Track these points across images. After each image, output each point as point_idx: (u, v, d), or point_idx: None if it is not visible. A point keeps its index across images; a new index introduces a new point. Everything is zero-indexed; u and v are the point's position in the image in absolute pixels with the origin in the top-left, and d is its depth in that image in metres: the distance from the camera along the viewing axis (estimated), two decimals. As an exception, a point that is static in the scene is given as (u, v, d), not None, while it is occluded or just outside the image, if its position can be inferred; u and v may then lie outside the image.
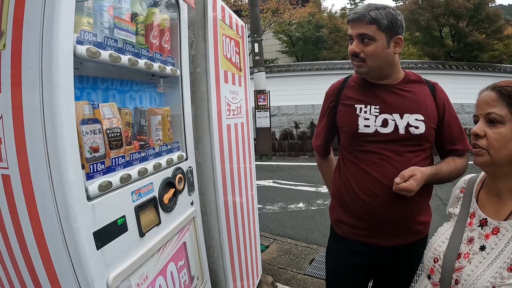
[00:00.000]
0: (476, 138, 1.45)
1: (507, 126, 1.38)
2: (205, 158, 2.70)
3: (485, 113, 1.43)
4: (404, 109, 2.11)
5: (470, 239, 1.49)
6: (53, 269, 1.44)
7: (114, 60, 1.59)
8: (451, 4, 18.48)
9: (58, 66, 1.30)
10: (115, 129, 1.65)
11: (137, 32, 1.90)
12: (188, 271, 2.27)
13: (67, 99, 1.34)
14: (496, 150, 1.39)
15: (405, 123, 2.09)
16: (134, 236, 1.71)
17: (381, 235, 2.15)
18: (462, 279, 1.41)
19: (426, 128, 2.08)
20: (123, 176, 1.62)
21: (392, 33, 2.01)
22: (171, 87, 2.31)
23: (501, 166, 1.43)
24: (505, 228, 1.40)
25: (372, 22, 1.96)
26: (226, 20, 2.99)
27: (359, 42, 2.03)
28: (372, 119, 2.14)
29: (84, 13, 1.52)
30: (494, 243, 1.40)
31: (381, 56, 2.03)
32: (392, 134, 2.10)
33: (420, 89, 2.18)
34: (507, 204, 1.45)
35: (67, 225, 1.36)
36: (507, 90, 1.39)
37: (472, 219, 1.55)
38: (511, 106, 1.37)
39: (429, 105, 2.13)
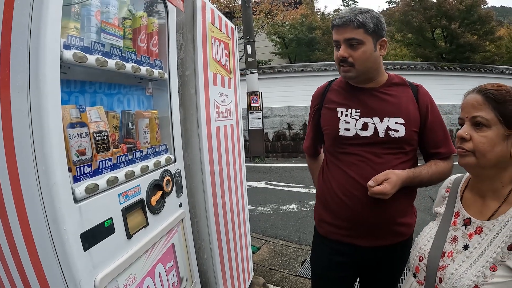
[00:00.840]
0: (462, 141, 1.46)
1: (493, 129, 1.39)
2: (194, 160, 2.72)
3: (471, 116, 1.44)
4: (384, 112, 2.12)
5: (454, 238, 1.53)
6: (42, 270, 1.46)
7: (101, 64, 1.60)
8: (444, 6, 18.59)
9: (45, 70, 1.32)
10: (102, 133, 1.67)
11: (125, 36, 1.92)
12: (177, 273, 2.29)
13: (54, 103, 1.36)
14: (481, 153, 1.40)
15: (385, 127, 2.10)
16: (122, 238, 1.73)
17: (362, 236, 2.16)
18: (446, 278, 1.43)
19: (406, 132, 2.09)
20: (110, 179, 1.64)
21: (378, 36, 2.03)
22: (160, 90, 2.33)
23: (486, 168, 1.45)
24: (488, 227, 1.42)
25: (360, 26, 1.96)
26: (216, 22, 3.02)
27: (347, 47, 2.03)
28: (352, 122, 2.16)
29: (71, 18, 1.54)
30: (477, 243, 1.42)
31: (370, 59, 2.04)
32: (372, 137, 2.11)
33: (402, 92, 2.18)
34: (491, 205, 1.47)
35: (54, 227, 1.38)
36: (493, 94, 1.40)
37: (457, 219, 1.58)
38: (497, 110, 1.38)
39: (410, 108, 2.13)
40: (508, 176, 1.46)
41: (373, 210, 2.07)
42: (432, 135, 2.17)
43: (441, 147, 2.18)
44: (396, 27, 22.78)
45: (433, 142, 2.19)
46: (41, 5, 1.32)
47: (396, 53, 27.39)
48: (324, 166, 2.38)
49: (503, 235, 1.37)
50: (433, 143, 2.19)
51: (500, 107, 1.38)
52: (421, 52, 21.00)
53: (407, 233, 2.21)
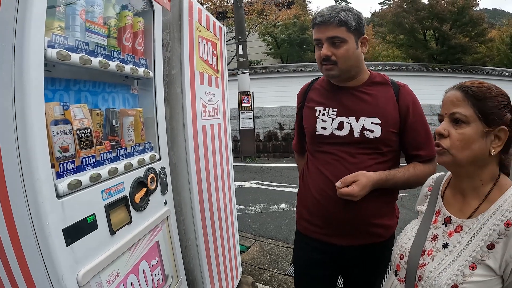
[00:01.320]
0: (440, 138, 1.46)
1: (472, 126, 1.38)
2: (180, 158, 2.73)
3: (449, 113, 1.44)
4: (360, 112, 2.10)
5: (434, 236, 1.53)
6: (27, 266, 1.48)
7: (85, 62, 1.62)
8: (435, 8, 18.72)
9: (29, 68, 1.35)
10: (85, 130, 1.69)
11: (109, 35, 1.94)
12: (161, 270, 2.30)
13: (37, 101, 1.38)
14: (458, 150, 1.40)
15: (360, 127, 2.08)
16: (105, 234, 1.74)
17: (337, 234, 2.16)
18: (425, 276, 1.43)
19: (382, 132, 2.06)
20: (92, 175, 1.66)
21: (359, 33, 2.04)
22: (145, 88, 2.34)
23: (463, 166, 1.44)
24: (467, 226, 1.42)
25: (342, 24, 1.96)
26: (203, 22, 3.03)
27: (330, 45, 2.02)
28: (329, 121, 2.17)
29: (56, 17, 1.56)
30: (457, 241, 1.43)
31: (352, 57, 2.04)
32: (347, 137, 2.11)
33: (382, 92, 2.15)
34: (471, 203, 1.47)
35: (37, 222, 1.40)
36: (472, 90, 1.40)
37: (437, 217, 1.58)
38: (476, 106, 1.38)
39: (389, 108, 2.09)
40: (488, 174, 1.45)
41: (347, 210, 2.06)
42: (412, 137, 2.13)
43: (421, 149, 2.14)
44: (388, 28, 22.89)
45: (414, 144, 2.15)
46: (25, 4, 1.34)
47: (388, 54, 27.49)
48: (305, 165, 2.39)
49: (482, 234, 1.36)
50: (413, 144, 2.15)
51: (480, 104, 1.38)
52: (412, 53, 21.12)
53: (385, 234, 2.19)
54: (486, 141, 1.39)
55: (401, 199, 8.27)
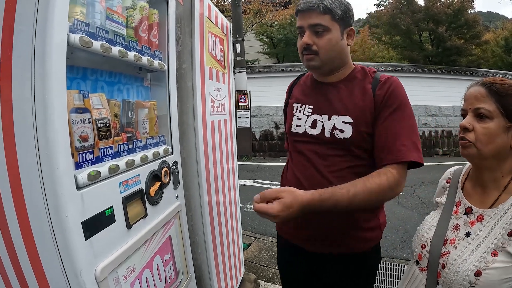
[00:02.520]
0: (464, 132, 1.50)
1: (495, 121, 1.43)
2: (189, 153, 2.71)
3: (474, 108, 1.48)
4: (333, 110, 1.94)
5: (456, 226, 1.58)
6: (40, 262, 1.42)
7: (106, 50, 1.59)
8: (431, 10, 18.90)
9: (52, 54, 1.29)
10: (104, 120, 1.65)
11: (127, 25, 1.90)
12: (173, 266, 2.28)
13: (60, 87, 1.33)
14: (483, 144, 1.45)
15: (331, 126, 1.92)
16: (122, 228, 1.70)
17: (306, 240, 2.05)
18: (449, 264, 1.48)
19: (353, 132, 1.86)
20: (111, 167, 1.62)
21: (346, 23, 1.90)
22: (158, 81, 2.32)
23: (486, 159, 1.49)
24: (489, 215, 1.47)
25: (326, 12, 1.81)
26: (212, 18, 3.02)
27: (312, 33, 1.87)
28: (303, 119, 2.05)
29: (78, 3, 1.51)
30: (479, 230, 1.47)
31: (335, 48, 1.89)
32: (319, 136, 1.96)
33: (359, 87, 1.94)
34: (491, 194, 1.52)
35: (55, 215, 1.34)
36: (496, 87, 1.44)
37: (458, 208, 1.63)
38: (499, 102, 1.42)
39: (363, 106, 1.88)
40: (508, 167, 1.50)
41: (319, 217, 1.88)
42: (380, 133, 1.84)
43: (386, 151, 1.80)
44: (384, 30, 23.06)
45: (380, 143, 1.84)
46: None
47: (384, 55, 27.65)
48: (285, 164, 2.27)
49: (503, 222, 1.42)
50: (379, 144, 1.84)
51: (502, 100, 1.42)
52: (408, 55, 21.27)
53: (358, 247, 1.99)
54: (508, 135, 1.44)
55: (398, 198, 8.33)
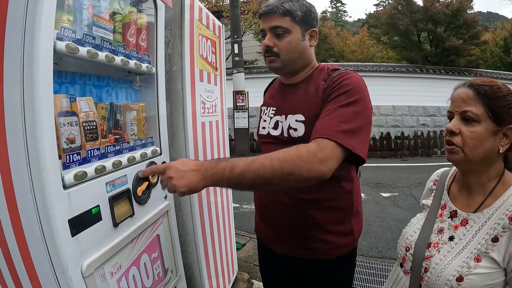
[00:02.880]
0: (451, 135, 1.47)
1: (482, 125, 1.40)
2: (179, 154, 2.75)
3: (461, 111, 1.44)
4: (289, 109, 1.95)
5: (440, 229, 1.57)
6: (30, 257, 1.49)
7: (92, 56, 1.65)
8: (430, 10, 18.93)
9: (39, 60, 1.36)
10: (91, 122, 1.71)
11: (115, 30, 1.95)
12: (162, 264, 2.32)
13: (46, 92, 1.40)
14: (470, 149, 1.42)
15: (288, 125, 1.92)
16: (108, 226, 1.76)
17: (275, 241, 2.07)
18: (431, 268, 1.47)
19: (306, 130, 1.84)
20: (98, 167, 1.68)
21: (307, 25, 1.90)
22: (146, 84, 2.37)
23: (473, 163, 1.46)
24: (473, 220, 1.46)
25: (286, 14, 1.84)
26: (203, 20, 3.06)
27: (272, 35, 1.90)
28: (268, 120, 2.07)
29: (65, 11, 1.58)
30: (462, 234, 1.47)
31: (296, 49, 1.90)
32: (279, 137, 1.97)
33: (314, 85, 1.91)
34: (477, 198, 1.51)
35: (43, 212, 1.41)
36: (484, 89, 1.40)
37: (443, 211, 1.62)
38: (488, 105, 1.39)
39: (315, 101, 1.85)
40: (494, 171, 1.48)
41: (285, 217, 1.94)
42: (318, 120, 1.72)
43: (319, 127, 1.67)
44: (383, 30, 23.09)
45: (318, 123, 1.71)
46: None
47: (382, 55, 27.70)
48: None
49: (487, 227, 1.40)
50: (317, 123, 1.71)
51: (491, 103, 1.39)
52: (406, 55, 21.32)
53: (323, 253, 1.93)
54: (495, 139, 1.41)
55: (395, 198, 8.41)
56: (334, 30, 31.68)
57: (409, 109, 16.51)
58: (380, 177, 11.20)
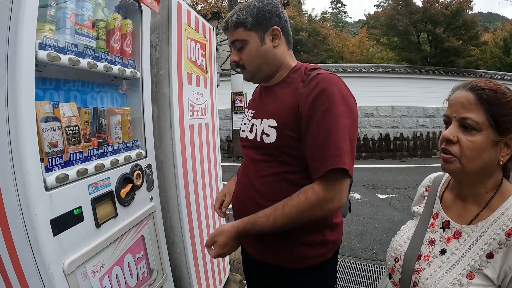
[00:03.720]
0: (448, 144, 1.33)
1: (483, 134, 1.26)
2: (167, 156, 2.81)
3: (460, 117, 1.30)
4: (264, 113, 1.89)
5: (431, 241, 1.45)
6: (16, 254, 1.57)
7: (74, 63, 1.71)
8: (429, 11, 18.90)
9: (21, 69, 1.44)
10: (73, 127, 1.78)
11: (98, 37, 2.02)
12: (146, 264, 2.37)
13: (28, 99, 1.48)
14: (468, 160, 1.28)
15: (261, 130, 1.85)
16: (90, 226, 1.83)
17: (248, 243, 2.04)
18: (420, 282, 1.37)
19: (278, 136, 1.76)
20: (79, 170, 1.74)
21: (263, 27, 1.82)
22: (133, 88, 2.43)
23: (470, 175, 1.33)
24: (467, 233, 1.34)
25: (237, 26, 1.82)
26: (192, 24, 3.11)
27: (235, 50, 1.90)
28: (247, 123, 2.02)
29: (47, 21, 1.65)
30: (455, 248, 1.35)
31: (258, 56, 1.85)
32: (254, 140, 1.90)
33: (290, 87, 1.84)
34: (471, 209, 1.38)
35: (27, 212, 1.49)
36: (487, 95, 1.26)
37: (435, 220, 1.50)
38: (489, 112, 1.25)
39: (288, 106, 1.76)
40: (492, 182, 1.35)
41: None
42: (307, 142, 1.70)
43: (315, 160, 1.67)
44: (382, 31, 23.06)
45: (309, 153, 1.70)
46: (18, 10, 1.43)
47: (382, 56, 27.69)
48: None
49: (482, 242, 1.29)
50: (309, 154, 1.70)
51: (494, 110, 1.25)
52: (406, 56, 21.29)
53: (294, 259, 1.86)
54: (496, 150, 1.28)
55: (391, 199, 8.43)
56: (334, 31, 31.70)
57: (408, 110, 16.53)
58: (377, 178, 11.23)
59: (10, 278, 1.62)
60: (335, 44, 28.80)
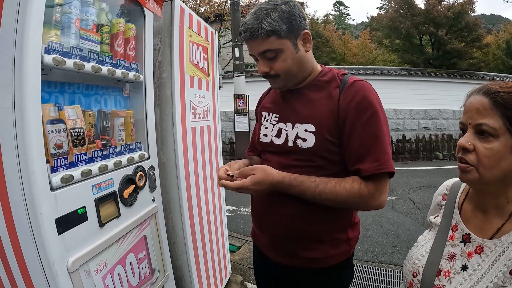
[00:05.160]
0: (464, 152, 1.24)
1: (501, 140, 1.16)
2: (169, 158, 2.84)
3: (475, 124, 1.21)
4: (297, 118, 1.82)
5: (451, 255, 1.35)
6: (21, 252, 1.61)
7: (78, 67, 1.76)
8: (431, 13, 18.84)
9: (28, 72, 1.49)
10: (78, 129, 1.83)
11: (102, 41, 2.07)
12: (148, 264, 2.41)
13: (35, 102, 1.52)
14: (486, 168, 1.19)
15: (294, 134, 1.80)
16: (94, 226, 1.87)
17: (268, 246, 2.00)
18: None
19: (316, 141, 1.73)
20: (84, 171, 1.79)
21: (296, 33, 1.71)
22: (136, 91, 2.47)
23: (490, 184, 1.23)
24: (489, 248, 1.24)
25: (269, 34, 1.65)
26: (194, 27, 3.15)
27: (264, 60, 1.76)
28: (270, 128, 1.95)
29: (53, 26, 1.70)
30: (477, 264, 1.24)
31: (294, 64, 1.76)
32: (282, 146, 1.85)
33: (325, 92, 1.80)
34: (493, 222, 1.28)
35: (32, 212, 1.54)
36: (503, 98, 1.17)
37: (454, 233, 1.40)
38: (506, 117, 1.15)
39: (327, 111, 1.74)
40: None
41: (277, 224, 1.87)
42: (352, 146, 1.70)
43: (361, 162, 1.67)
44: (385, 33, 23.03)
45: (353, 156, 1.70)
46: (24, 15, 1.48)
47: (384, 58, 27.71)
48: None
49: (505, 258, 1.18)
50: (352, 157, 1.71)
51: (511, 114, 1.16)
52: (408, 58, 21.25)
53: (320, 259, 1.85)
54: None
55: (393, 202, 8.39)
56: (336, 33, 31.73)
57: (411, 113, 16.50)
58: (379, 180, 11.16)
59: (15, 275, 1.67)
60: (337, 46, 28.85)
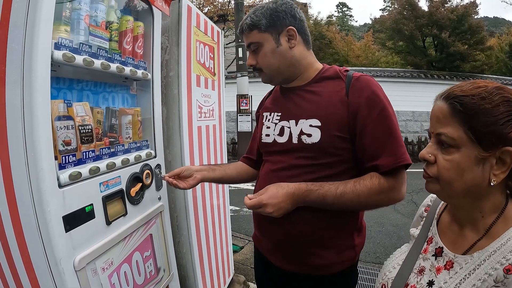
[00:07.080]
0: (426, 164, 1.14)
1: (462, 151, 1.04)
2: (175, 157, 2.84)
3: (435, 133, 1.11)
4: (300, 114, 1.80)
5: (421, 269, 1.24)
6: (27, 250, 1.59)
7: (88, 64, 1.75)
8: (435, 15, 18.90)
9: (37, 68, 1.47)
10: (86, 126, 1.81)
11: (111, 39, 2.06)
12: (154, 262, 2.39)
13: (44, 98, 1.51)
14: (445, 181, 1.09)
15: (299, 131, 1.77)
16: (101, 224, 1.86)
17: (269, 251, 1.97)
18: None
19: (322, 136, 1.70)
20: (92, 168, 1.78)
21: (278, 28, 1.78)
22: (143, 89, 2.46)
23: (455, 198, 1.13)
24: (459, 264, 1.11)
25: (252, 28, 1.80)
26: (201, 27, 3.15)
27: (251, 53, 1.88)
28: (272, 127, 1.93)
29: (63, 22, 1.69)
30: (443, 281, 1.12)
31: (274, 58, 1.81)
32: (286, 144, 1.83)
33: (329, 87, 1.79)
34: (468, 236, 1.15)
35: (40, 209, 1.52)
36: (463, 103, 1.05)
37: (429, 245, 1.28)
38: (468, 124, 1.02)
39: (333, 106, 1.71)
40: (489, 205, 1.10)
41: (279, 228, 1.82)
42: (366, 143, 1.67)
43: (379, 157, 1.65)
44: (388, 35, 23.08)
45: (369, 152, 1.68)
46: (35, 10, 1.46)
47: (387, 60, 27.71)
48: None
49: (475, 278, 1.04)
50: (368, 153, 1.68)
51: (472, 121, 1.02)
52: (411, 60, 21.32)
53: (324, 266, 1.80)
54: (483, 168, 1.03)
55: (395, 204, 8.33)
56: (339, 34, 31.72)
57: (413, 115, 16.50)
58: (381, 182, 11.15)
59: (19, 273, 1.66)
60: (340, 48, 28.83)
